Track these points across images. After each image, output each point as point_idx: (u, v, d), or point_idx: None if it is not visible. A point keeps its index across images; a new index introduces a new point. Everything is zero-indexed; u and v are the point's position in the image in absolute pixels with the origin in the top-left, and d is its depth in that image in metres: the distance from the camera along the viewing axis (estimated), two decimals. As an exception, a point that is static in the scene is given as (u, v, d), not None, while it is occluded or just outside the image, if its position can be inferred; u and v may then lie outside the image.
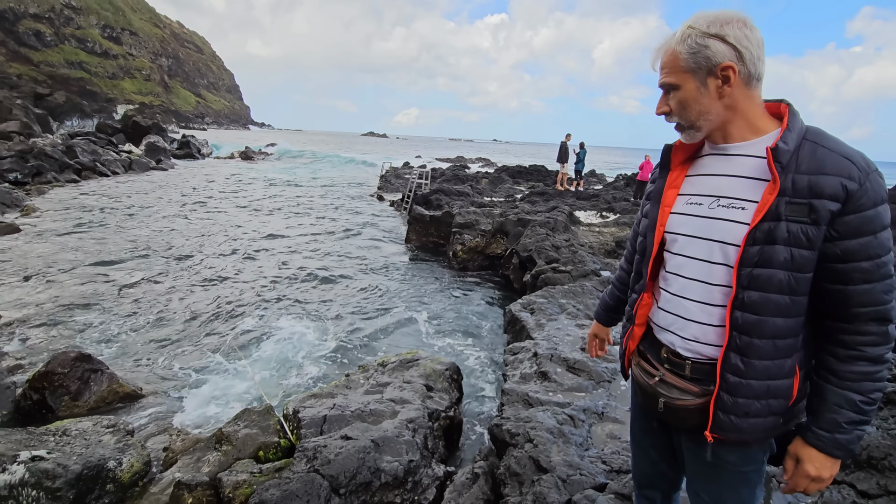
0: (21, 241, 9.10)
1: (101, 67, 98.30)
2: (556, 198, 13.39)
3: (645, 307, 1.30)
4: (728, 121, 1.09)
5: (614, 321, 1.71)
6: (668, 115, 1.14)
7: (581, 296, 5.20)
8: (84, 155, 20.03)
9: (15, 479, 2.48)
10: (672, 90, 1.10)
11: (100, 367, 3.94)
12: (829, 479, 1.09)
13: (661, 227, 1.21)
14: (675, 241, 1.19)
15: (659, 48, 1.12)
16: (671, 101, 1.12)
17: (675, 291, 1.19)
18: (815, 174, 0.98)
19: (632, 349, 1.35)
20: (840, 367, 1.04)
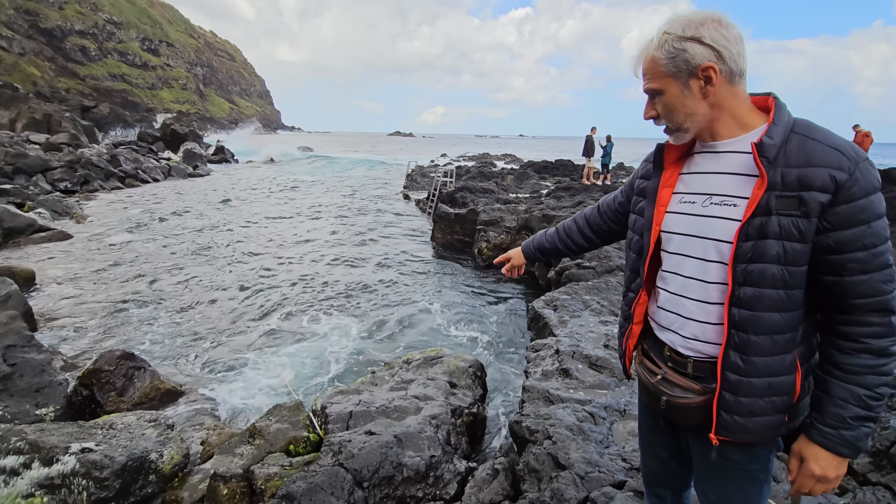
0: (71, 246, 9.69)
1: (142, 79, 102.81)
2: (582, 192, 13.19)
3: (642, 306, 1.31)
4: (714, 119, 1.09)
5: (537, 260, 1.78)
6: (657, 119, 1.16)
7: (606, 292, 5.14)
8: (127, 163, 21.07)
9: (67, 469, 2.69)
10: (657, 95, 1.12)
11: (142, 365, 4.17)
12: (835, 479, 1.07)
13: (656, 227, 1.22)
14: (670, 239, 1.19)
15: (638, 55, 1.14)
16: (657, 106, 1.14)
17: (674, 290, 1.19)
18: (804, 167, 0.97)
19: (631, 348, 1.36)
20: (843, 359, 1.03)
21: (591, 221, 1.61)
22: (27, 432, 2.83)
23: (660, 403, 1.21)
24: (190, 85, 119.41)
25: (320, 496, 2.23)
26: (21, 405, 3.38)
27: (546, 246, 1.71)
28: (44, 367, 3.67)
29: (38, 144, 21.64)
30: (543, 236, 1.72)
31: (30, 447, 2.71)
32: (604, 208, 1.57)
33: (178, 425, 3.89)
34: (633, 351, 1.37)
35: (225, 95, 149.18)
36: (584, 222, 1.62)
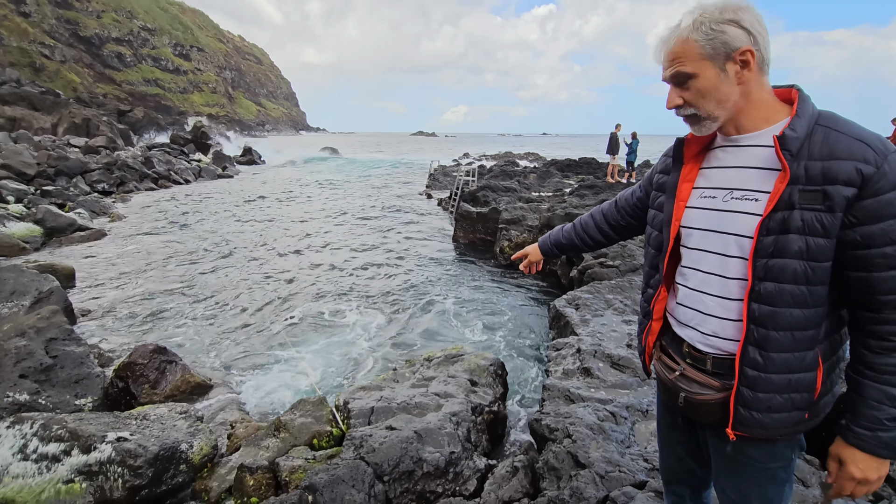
0: (108, 244, 10.11)
1: (174, 83, 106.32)
2: (606, 191, 12.98)
3: (662, 302, 1.29)
4: (741, 109, 1.07)
5: (554, 256, 1.76)
6: (681, 108, 1.11)
7: (629, 291, 5.06)
8: (160, 165, 21.83)
9: (104, 457, 2.82)
10: (688, 80, 1.07)
11: (174, 359, 4.33)
12: (877, 480, 1.05)
13: (676, 222, 1.20)
14: (690, 235, 1.18)
15: (665, 39, 1.09)
16: (687, 93, 1.09)
17: (693, 286, 1.18)
18: (828, 160, 0.95)
19: (651, 345, 1.34)
20: (874, 359, 1.00)
21: (609, 216, 1.59)
22: (67, 421, 2.98)
23: (678, 400, 1.20)
24: (219, 88, 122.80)
25: (341, 488, 2.27)
26: (62, 395, 3.55)
27: (562, 241, 1.70)
28: (83, 360, 3.85)
29: (78, 147, 22.64)
30: (560, 232, 1.72)
31: (70, 435, 2.86)
32: (621, 203, 1.56)
33: (207, 417, 4.02)
34: (653, 348, 1.35)
35: (253, 98, 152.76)
36: (601, 217, 1.61)
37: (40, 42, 75.43)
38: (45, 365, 3.60)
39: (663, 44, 1.09)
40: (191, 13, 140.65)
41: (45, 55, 74.78)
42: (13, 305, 5.05)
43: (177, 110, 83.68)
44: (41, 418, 2.95)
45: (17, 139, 21.22)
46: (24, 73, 55.98)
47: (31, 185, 14.21)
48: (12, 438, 2.85)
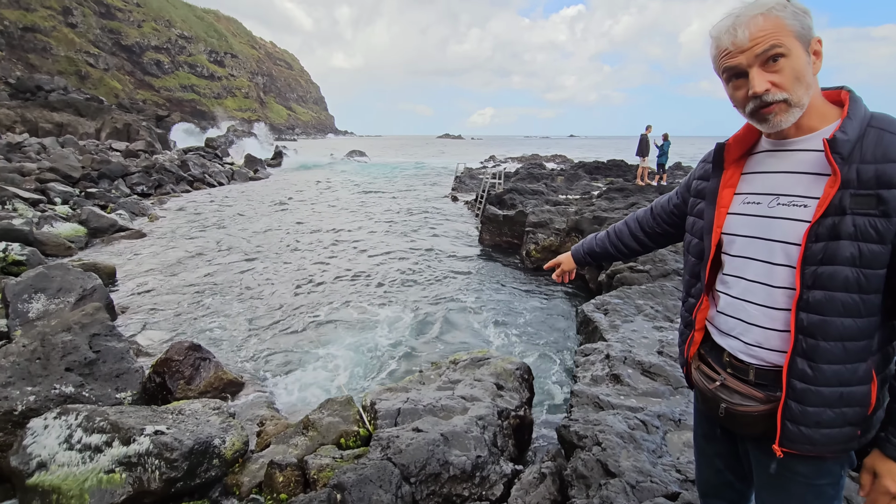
0: (146, 244, 10.53)
1: (208, 89, 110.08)
2: (635, 194, 12.72)
3: (704, 311, 1.25)
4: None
5: (587, 264, 1.72)
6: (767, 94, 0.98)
7: (660, 297, 4.93)
8: (195, 168, 22.60)
9: (142, 449, 2.93)
10: (779, 58, 0.95)
11: (208, 356, 4.46)
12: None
13: (717, 229, 1.16)
14: (732, 242, 1.14)
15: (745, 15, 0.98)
16: (776, 75, 0.97)
17: (735, 294, 1.14)
18: (882, 162, 0.91)
19: (692, 354, 1.30)
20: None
21: (644, 224, 1.55)
22: (109, 413, 3.11)
23: (718, 411, 1.16)
24: (251, 93, 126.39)
25: (369, 488, 2.29)
26: (104, 388, 3.71)
27: (596, 250, 1.67)
28: (123, 355, 4.01)
29: (119, 151, 23.68)
30: (594, 240, 1.69)
31: (111, 427, 2.98)
32: (657, 210, 1.52)
33: (238, 414, 4.13)
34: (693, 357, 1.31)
35: (283, 102, 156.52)
36: (636, 225, 1.57)
37: (85, 51, 79.40)
38: (88, 359, 3.77)
39: (743, 19, 0.97)
40: (225, 21, 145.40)
41: (89, 63, 78.65)
42: (60, 302, 5.31)
43: (211, 115, 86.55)
44: (85, 410, 3.09)
45: (64, 144, 22.36)
46: (71, 81, 58.99)
47: (76, 187, 14.94)
48: (58, 429, 2.99)
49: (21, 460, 2.86)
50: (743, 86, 1.02)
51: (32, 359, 3.57)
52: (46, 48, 72.64)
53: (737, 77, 1.03)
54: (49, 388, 3.43)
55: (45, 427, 3.00)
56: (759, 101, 0.99)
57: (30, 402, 3.28)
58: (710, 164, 1.22)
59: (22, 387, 3.36)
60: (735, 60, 1.00)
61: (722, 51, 1.02)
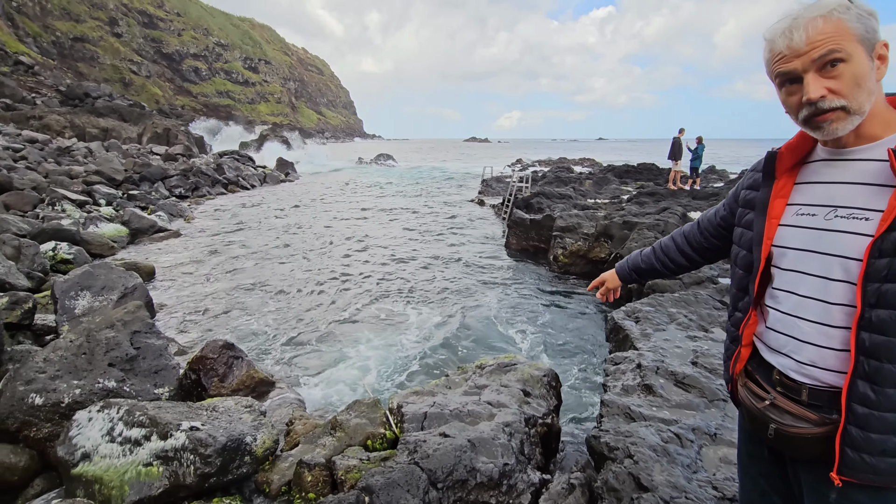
0: (184, 244, 10.92)
1: (243, 94, 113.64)
2: (667, 198, 12.41)
3: (751, 326, 1.20)
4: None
5: (632, 281, 1.68)
6: (824, 100, 0.94)
7: (694, 305, 4.78)
8: (229, 171, 23.33)
9: (179, 444, 3.02)
10: (838, 63, 0.91)
11: (240, 355, 4.58)
12: None
13: (768, 241, 1.11)
14: (784, 255, 1.09)
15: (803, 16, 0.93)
16: (834, 81, 0.93)
17: (786, 310, 1.09)
18: None
19: (738, 371, 1.25)
20: None
21: (691, 238, 1.50)
22: (148, 408, 3.23)
23: (767, 431, 1.10)
24: (284, 99, 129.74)
25: (397, 492, 2.30)
26: (143, 384, 3.86)
27: (642, 266, 1.62)
28: (161, 352, 4.17)
29: (159, 155, 24.68)
30: (639, 256, 1.63)
31: (150, 421, 3.09)
32: (704, 224, 1.46)
33: (269, 412, 4.22)
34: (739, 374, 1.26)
35: (313, 107, 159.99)
36: (682, 240, 1.52)
37: (129, 59, 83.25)
38: (129, 355, 3.93)
39: (801, 22, 0.93)
40: (260, 28, 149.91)
41: (133, 71, 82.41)
42: (103, 299, 5.56)
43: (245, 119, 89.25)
44: (126, 404, 3.22)
45: (109, 148, 23.45)
46: (115, 88, 61.94)
47: (119, 189, 15.64)
48: (101, 421, 3.12)
49: (67, 451, 3.00)
50: (797, 91, 0.98)
51: (78, 353, 3.75)
52: (94, 57, 76.58)
53: (791, 82, 0.98)
54: (93, 382, 3.59)
55: (90, 419, 3.14)
56: (813, 108, 0.95)
57: (76, 395, 3.44)
58: (760, 174, 1.17)
59: (69, 380, 3.53)
60: (790, 65, 0.96)
61: (776, 54, 0.98)
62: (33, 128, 25.04)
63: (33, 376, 3.45)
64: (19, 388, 3.34)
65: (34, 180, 12.87)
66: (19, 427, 3.22)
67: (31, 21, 66.84)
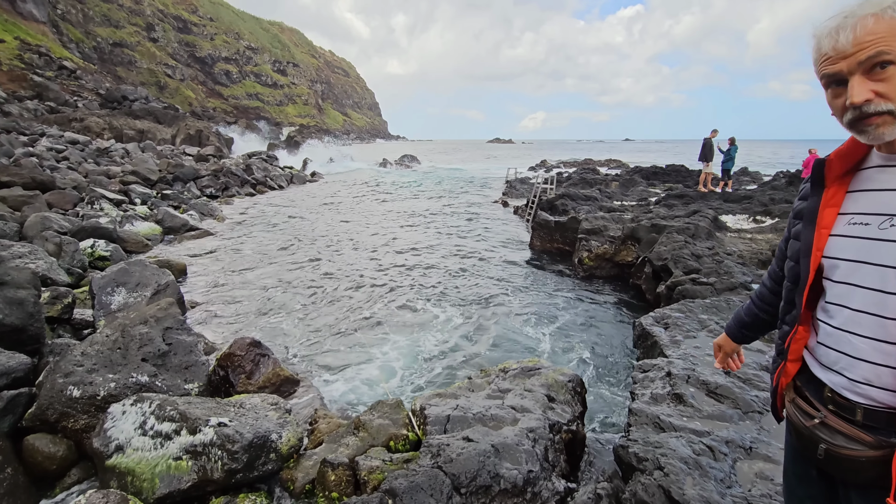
0: (214, 242, 11.20)
1: (272, 97, 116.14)
2: (697, 200, 12.06)
3: (799, 341, 1.14)
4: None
5: (746, 339, 1.55)
6: (870, 104, 0.90)
7: (726, 311, 4.62)
8: (258, 172, 23.86)
9: (207, 439, 3.09)
10: (888, 65, 0.87)
11: (267, 353, 4.66)
12: None
13: (817, 252, 1.06)
14: (835, 267, 1.03)
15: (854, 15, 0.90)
16: (883, 84, 0.88)
17: (838, 325, 1.03)
18: None
19: (784, 386, 1.19)
20: None
21: (773, 275, 1.42)
22: (178, 403, 3.31)
23: (816, 451, 1.05)
24: (310, 100, 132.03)
25: (420, 496, 2.29)
26: (174, 379, 3.96)
27: (746, 319, 1.53)
28: (191, 349, 4.27)
29: (191, 156, 25.45)
30: (741, 312, 1.55)
31: (180, 416, 3.17)
32: (779, 255, 1.39)
33: (293, 410, 4.28)
34: (786, 389, 1.20)
35: (339, 108, 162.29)
36: (769, 281, 1.44)
37: (164, 63, 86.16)
38: (162, 351, 4.04)
39: (851, 21, 0.89)
40: (289, 32, 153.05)
41: (167, 75, 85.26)
42: (137, 295, 5.75)
43: (273, 121, 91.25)
44: (158, 399, 3.31)
45: (144, 149, 24.31)
46: (151, 91, 64.23)
47: (153, 189, 16.18)
48: (134, 415, 3.22)
49: (102, 442, 3.10)
50: (842, 94, 0.93)
51: (114, 348, 3.88)
52: (132, 61, 79.57)
53: (837, 84, 0.94)
54: (127, 377, 3.70)
55: (123, 413, 3.24)
56: (858, 112, 0.91)
57: (111, 389, 3.56)
58: (810, 183, 1.12)
59: (104, 374, 3.65)
60: (835, 67, 0.92)
61: (822, 55, 0.94)
62: (75, 129, 26.19)
63: (71, 369, 3.58)
64: (59, 380, 3.48)
65: (75, 180, 13.44)
66: (58, 418, 3.34)
67: (74, 27, 69.98)
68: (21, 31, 45.11)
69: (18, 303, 4.25)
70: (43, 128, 23.63)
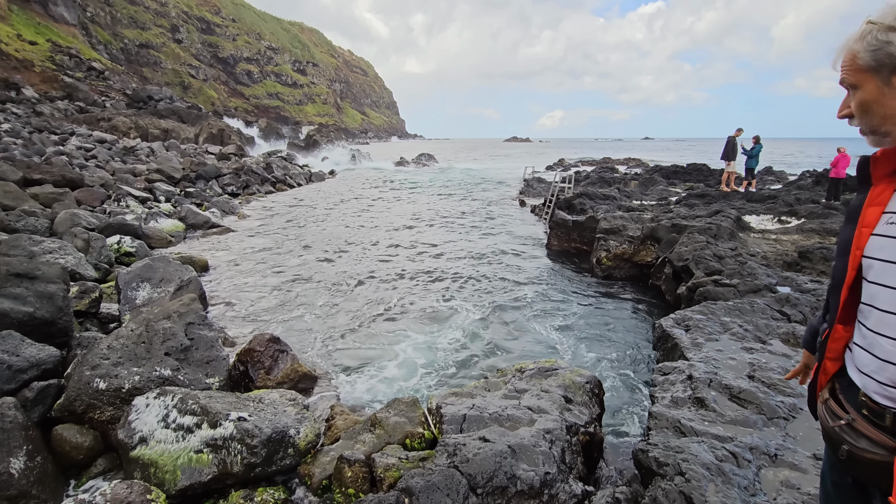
0: (235, 239, 11.40)
1: (291, 96, 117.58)
2: (719, 200, 11.80)
3: (838, 340, 1.12)
4: None
5: None
6: (850, 119, 1.04)
7: (750, 314, 4.51)
8: (278, 170, 24.20)
9: (227, 433, 3.14)
10: (852, 90, 1.01)
11: (285, 349, 4.73)
12: None
13: (857, 251, 1.03)
14: (871, 266, 1.00)
15: (840, 48, 1.03)
16: (852, 103, 1.02)
17: (870, 326, 1.00)
18: None
19: (822, 384, 1.17)
20: None
21: None
22: (200, 397, 3.38)
23: (839, 452, 1.03)
24: (329, 100, 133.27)
25: (437, 496, 2.29)
26: (196, 373, 4.04)
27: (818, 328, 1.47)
28: (213, 343, 4.35)
29: (214, 154, 25.93)
30: (815, 321, 1.51)
31: (201, 410, 3.23)
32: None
33: (311, 406, 4.32)
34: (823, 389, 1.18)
35: (358, 108, 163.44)
36: None
37: (188, 64, 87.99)
38: (184, 345, 4.12)
39: (839, 51, 1.04)
40: (308, 32, 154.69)
41: (191, 75, 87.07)
42: (161, 291, 5.89)
43: (293, 120, 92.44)
44: (180, 392, 3.38)
45: (168, 147, 24.87)
46: (175, 91, 65.65)
47: (177, 186, 16.55)
48: (157, 408, 3.29)
49: (126, 434, 3.18)
50: None
51: (138, 342, 3.97)
52: (157, 62, 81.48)
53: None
54: (151, 370, 3.79)
55: (147, 405, 3.32)
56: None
57: (135, 382, 3.65)
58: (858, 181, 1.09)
59: (129, 367, 3.75)
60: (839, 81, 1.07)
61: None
62: (103, 129, 26.94)
63: (98, 362, 3.68)
64: (86, 372, 3.58)
65: (103, 178, 13.84)
66: (85, 409, 3.44)
67: (102, 29, 71.98)
68: (52, 34, 46.60)
69: (49, 297, 4.38)
70: (73, 127, 24.39)
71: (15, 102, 29.21)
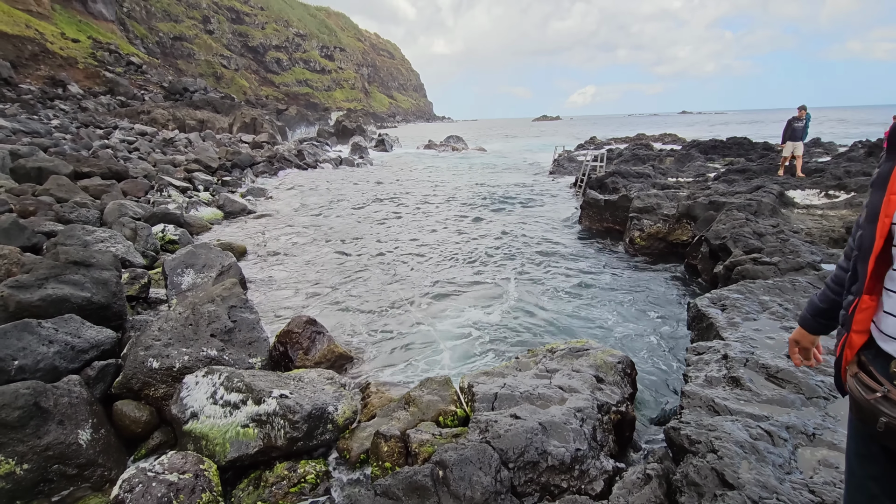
0: (271, 224, 11.77)
1: (320, 82, 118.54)
2: (761, 175, 11.26)
3: (865, 311, 1.10)
4: None
5: (824, 329, 1.45)
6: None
7: (791, 293, 4.35)
8: (309, 156, 24.64)
9: (270, 409, 3.33)
10: None
11: (322, 330, 4.91)
12: None
13: (886, 219, 1.01)
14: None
15: None
16: None
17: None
18: None
19: (848, 359, 1.15)
20: None
21: (850, 255, 1.33)
22: (244, 376, 3.58)
23: (876, 425, 1.01)
24: (357, 84, 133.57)
25: (469, 468, 2.38)
26: (239, 354, 4.27)
27: (822, 306, 1.44)
28: (254, 326, 4.57)
29: (247, 143, 26.60)
30: (814, 299, 1.48)
31: (246, 388, 3.43)
32: (854, 230, 1.33)
33: (347, 385, 4.50)
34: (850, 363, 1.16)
35: (385, 91, 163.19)
36: (845, 262, 1.37)
37: (220, 54, 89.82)
38: (228, 328, 4.35)
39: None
40: (335, 17, 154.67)
41: (223, 65, 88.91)
42: (204, 276, 6.18)
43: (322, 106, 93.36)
44: (226, 371, 3.59)
45: (205, 138, 25.66)
46: (209, 82, 67.28)
47: (214, 176, 17.12)
48: (206, 385, 3.51)
49: (179, 409, 3.41)
50: None
51: (186, 325, 4.22)
52: (191, 54, 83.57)
53: None
54: (198, 351, 4.03)
55: (196, 383, 3.54)
56: None
57: (185, 361, 3.89)
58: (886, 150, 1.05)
59: (179, 347, 3.99)
60: None
61: None
62: (143, 121, 28.02)
63: (150, 343, 3.94)
64: (140, 352, 3.84)
65: (145, 169, 14.46)
66: (141, 386, 3.71)
67: (138, 24, 74.24)
68: (93, 31, 48.41)
69: (103, 283, 4.69)
70: (116, 121, 25.47)
71: (62, 99, 30.69)
